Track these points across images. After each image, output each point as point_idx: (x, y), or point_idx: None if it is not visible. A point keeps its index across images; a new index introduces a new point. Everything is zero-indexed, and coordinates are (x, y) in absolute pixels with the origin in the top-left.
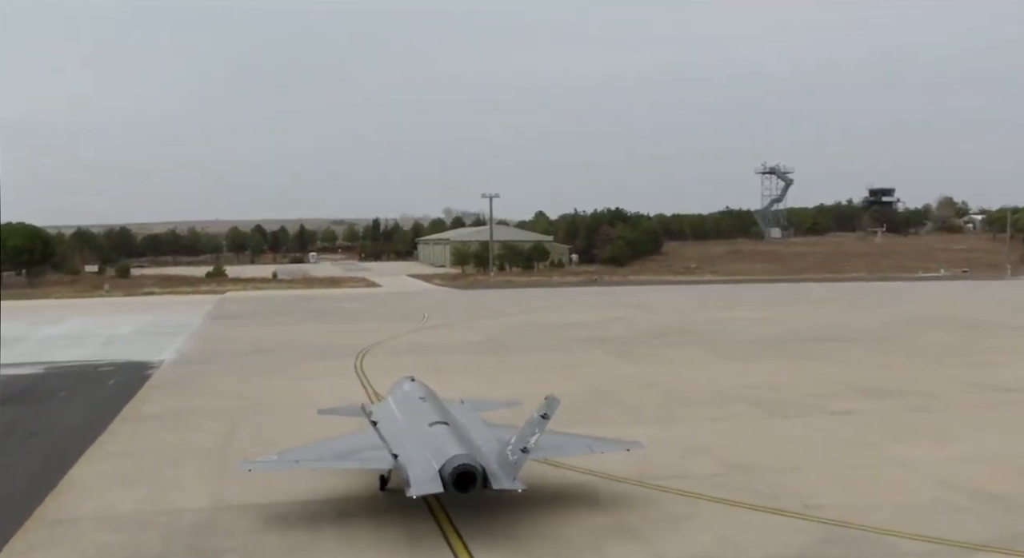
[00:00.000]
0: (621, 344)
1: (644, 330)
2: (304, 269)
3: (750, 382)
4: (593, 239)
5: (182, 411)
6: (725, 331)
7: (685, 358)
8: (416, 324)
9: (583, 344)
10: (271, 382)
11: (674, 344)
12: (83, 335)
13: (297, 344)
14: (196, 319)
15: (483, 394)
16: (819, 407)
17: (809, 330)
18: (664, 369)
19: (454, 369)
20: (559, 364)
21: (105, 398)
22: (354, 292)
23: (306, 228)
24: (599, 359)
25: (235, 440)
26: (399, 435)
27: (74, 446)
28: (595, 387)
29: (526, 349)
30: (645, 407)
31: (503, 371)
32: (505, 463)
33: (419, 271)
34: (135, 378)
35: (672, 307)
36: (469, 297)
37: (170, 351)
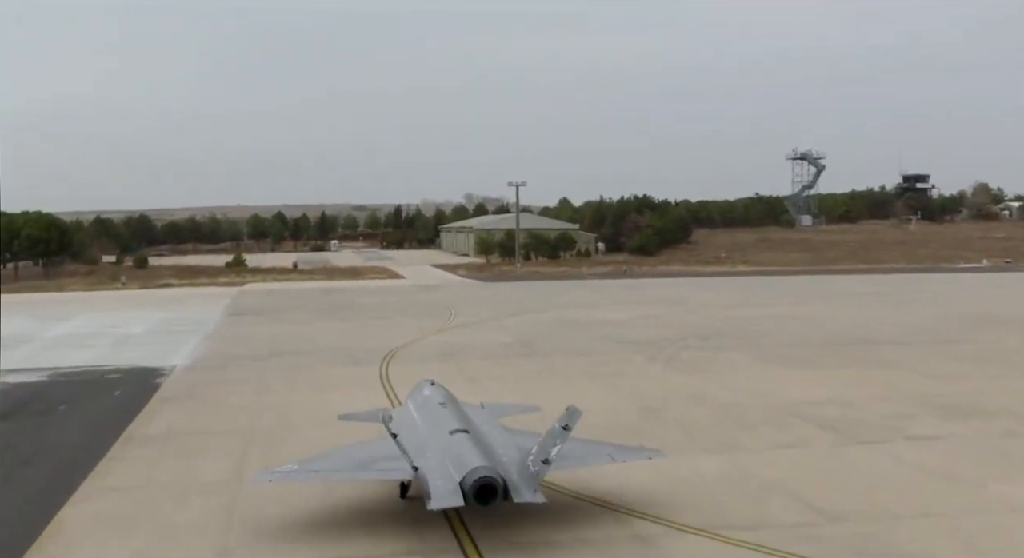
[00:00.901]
0: (660, 347)
1: (683, 330)
2: (325, 258)
3: (811, 396)
4: (620, 227)
5: (191, 432)
6: (770, 332)
7: (732, 364)
8: (442, 322)
9: (621, 347)
10: (290, 396)
11: (717, 347)
12: (93, 334)
13: (318, 346)
14: (213, 315)
15: None
16: (898, 430)
17: (859, 330)
18: (712, 378)
19: (486, 377)
20: (598, 371)
21: (109, 412)
22: (376, 285)
23: (327, 214)
24: (640, 365)
25: (247, 470)
26: (420, 444)
27: (68, 478)
28: (641, 401)
29: (561, 353)
30: (700, 428)
31: (539, 380)
32: (526, 474)
33: (442, 260)
34: (143, 387)
35: (709, 303)
36: (496, 290)
37: (183, 354)
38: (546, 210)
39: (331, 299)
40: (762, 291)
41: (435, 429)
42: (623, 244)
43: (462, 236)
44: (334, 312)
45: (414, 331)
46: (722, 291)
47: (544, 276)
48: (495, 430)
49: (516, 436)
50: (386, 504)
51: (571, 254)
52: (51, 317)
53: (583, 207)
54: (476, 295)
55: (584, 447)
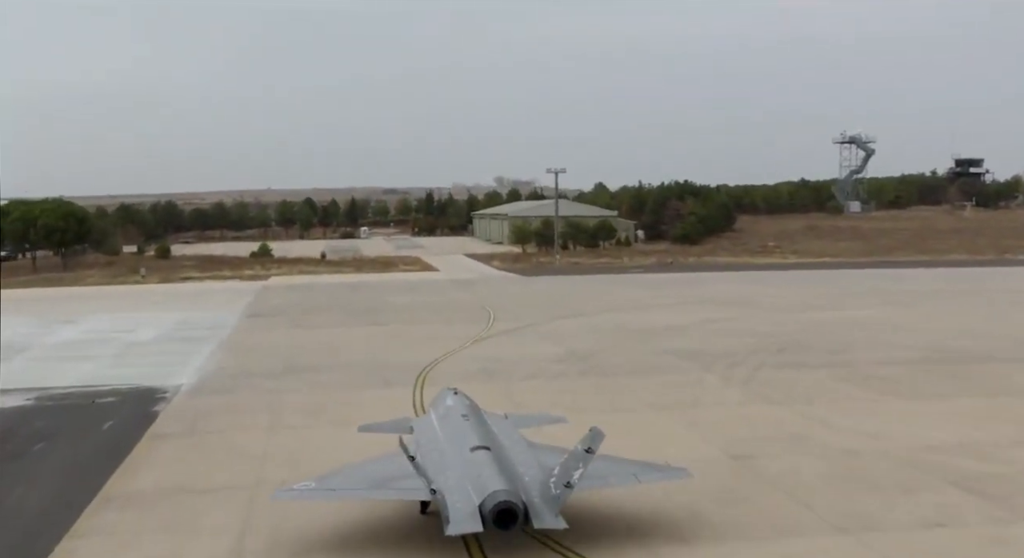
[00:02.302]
0: (733, 364)
1: (752, 340)
2: (355, 245)
3: (935, 438)
4: (661, 214)
5: (183, 488)
6: (854, 343)
7: (823, 390)
8: (482, 327)
9: (687, 363)
10: (306, 435)
11: (799, 365)
12: (98, 341)
13: (343, 359)
14: (231, 317)
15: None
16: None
17: (963, 341)
18: (804, 410)
19: (538, 405)
20: (668, 399)
21: (91, 456)
22: (408, 279)
23: (357, 198)
24: (714, 390)
25: (247, 552)
26: (439, 461)
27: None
28: (727, 444)
29: (620, 371)
30: (811, 489)
31: (602, 412)
32: (548, 497)
33: (476, 249)
34: (138, 418)
35: (771, 304)
36: (536, 286)
37: (191, 370)
38: (581, 196)
39: (359, 297)
40: (825, 288)
41: (456, 445)
42: (664, 232)
43: (496, 223)
44: (362, 314)
45: (451, 339)
46: (781, 287)
47: (584, 268)
48: (518, 446)
49: (539, 452)
50: (405, 521)
51: (611, 243)
52: (57, 318)
53: (620, 193)
54: (515, 292)
55: (607, 465)
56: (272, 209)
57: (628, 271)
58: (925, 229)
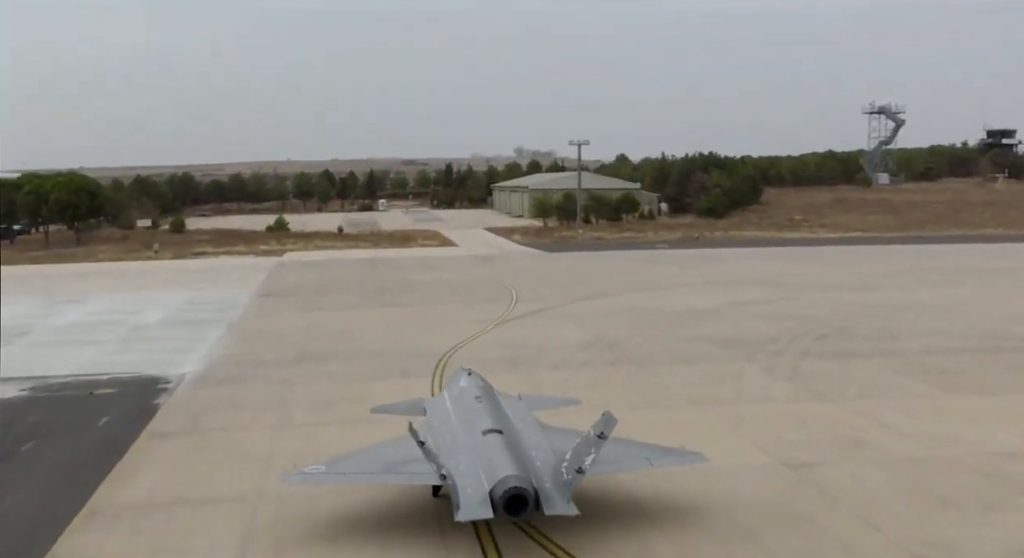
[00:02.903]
0: (775, 353)
1: (792, 325)
2: (373, 218)
3: (1006, 443)
4: (685, 187)
5: (179, 499)
6: (901, 329)
7: (875, 383)
8: (504, 308)
9: (724, 351)
10: (318, 432)
11: (845, 354)
12: (103, 324)
13: (358, 345)
14: (242, 297)
15: None
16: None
17: (1012, 328)
18: (858, 407)
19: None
20: (708, 393)
21: (83, 458)
22: (427, 255)
23: (376, 169)
24: (758, 383)
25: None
26: (451, 444)
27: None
28: (779, 449)
29: (653, 360)
30: (879, 507)
31: (635, 409)
32: (560, 483)
33: (496, 222)
34: (137, 413)
35: (805, 283)
36: (559, 263)
37: (198, 356)
38: (603, 168)
39: (376, 275)
40: (859, 266)
41: (468, 427)
42: (688, 205)
43: (516, 196)
44: (379, 294)
45: (472, 322)
46: (813, 265)
47: (608, 244)
48: (531, 429)
49: (552, 435)
50: (417, 503)
51: (634, 217)
52: (64, 297)
53: (643, 164)
54: (538, 269)
55: (620, 449)
56: (290, 181)
57: (653, 246)
58: (957, 202)
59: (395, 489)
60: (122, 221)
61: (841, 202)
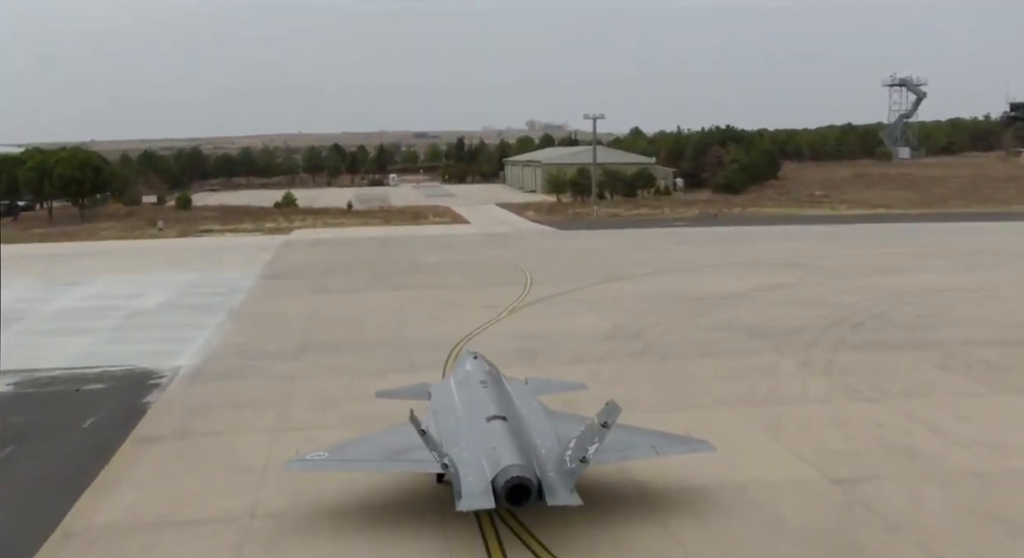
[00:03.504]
0: (806, 343)
1: (824, 312)
2: (384, 193)
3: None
4: (701, 162)
5: (162, 521)
6: (939, 316)
7: (922, 381)
8: (518, 292)
9: (754, 341)
10: (321, 433)
11: (883, 346)
12: (99, 309)
13: (365, 334)
14: (246, 279)
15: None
16: None
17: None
18: (908, 410)
19: (589, 400)
20: (739, 390)
21: (64, 466)
22: (438, 233)
23: (387, 141)
24: (792, 378)
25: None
26: (455, 430)
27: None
28: (824, 462)
29: (678, 352)
30: (943, 536)
31: (666, 410)
32: (563, 472)
33: (508, 198)
34: (125, 413)
35: (832, 265)
36: (574, 242)
37: (195, 347)
38: (616, 142)
39: (386, 255)
40: (887, 245)
41: (472, 413)
42: (705, 180)
43: (529, 170)
44: (387, 276)
45: (484, 308)
46: (838, 244)
47: (624, 221)
48: (536, 415)
49: (558, 421)
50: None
51: (649, 193)
52: (62, 278)
53: (658, 138)
54: (552, 249)
55: (624, 436)
56: (300, 155)
57: (670, 224)
58: (979, 177)
59: (397, 482)
60: (128, 197)
61: (861, 177)
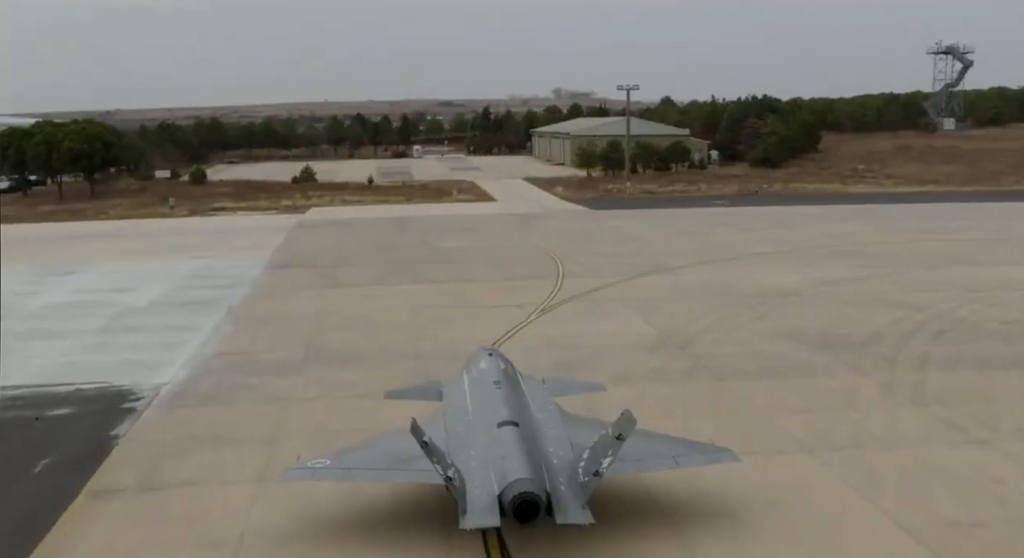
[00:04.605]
0: (886, 360)
1: (897, 317)
2: (407, 166)
3: None
4: (738, 133)
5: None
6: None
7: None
8: (548, 286)
9: (823, 355)
10: (313, 489)
11: (976, 362)
12: (87, 305)
13: (378, 340)
14: (253, 268)
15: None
16: None
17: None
18: None
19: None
20: (820, 428)
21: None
22: (461, 213)
23: (413, 109)
24: (880, 411)
25: None
26: (464, 436)
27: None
28: (949, 544)
29: (737, 371)
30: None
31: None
32: (575, 487)
33: (536, 171)
34: (88, 451)
35: (895, 253)
36: (607, 224)
37: (184, 356)
38: (647, 112)
39: (405, 240)
40: (951, 230)
41: (483, 417)
42: (741, 154)
43: (557, 142)
44: (405, 266)
45: (511, 307)
46: (895, 227)
47: (659, 199)
48: (550, 420)
49: (574, 427)
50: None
51: (683, 167)
52: (56, 267)
53: (690, 108)
54: (585, 233)
55: (642, 444)
56: (322, 126)
57: (709, 203)
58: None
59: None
60: (142, 171)
61: (905, 150)
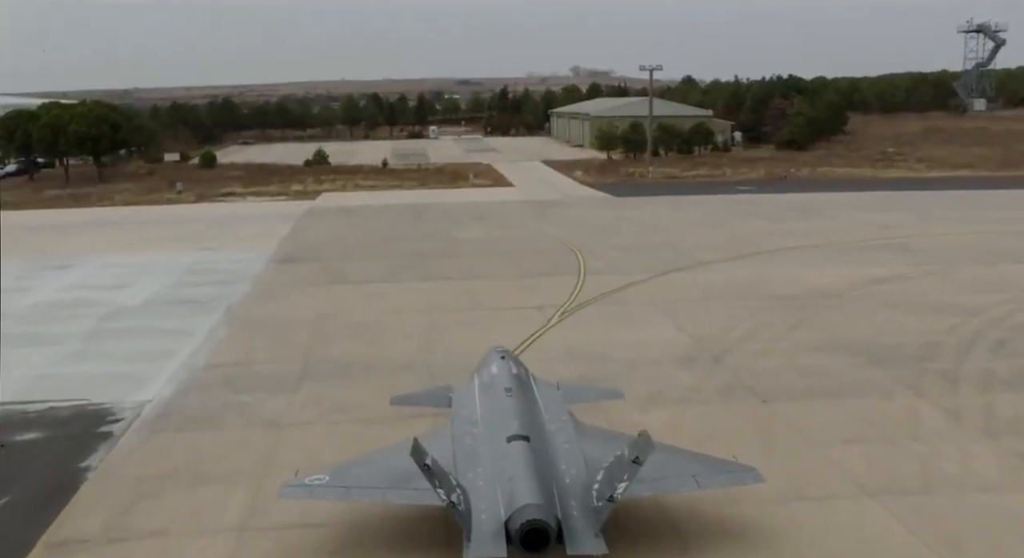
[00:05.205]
0: (947, 377)
1: (952, 325)
2: (423, 147)
3: None
4: (762, 115)
5: None
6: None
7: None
8: (569, 284)
9: (876, 371)
10: (307, 534)
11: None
12: (77, 305)
13: (383, 347)
14: (257, 262)
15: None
16: None
17: None
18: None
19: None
20: (880, 464)
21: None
22: (477, 200)
23: (430, 88)
24: (948, 441)
25: None
26: (471, 451)
27: None
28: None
29: (781, 389)
30: None
31: (782, 500)
32: (587, 511)
33: (554, 153)
34: (53, 488)
35: (941, 246)
36: (630, 213)
37: (173, 367)
38: (667, 92)
39: (417, 230)
40: (993, 219)
41: (493, 430)
42: (765, 135)
43: (576, 123)
44: (417, 260)
45: (529, 309)
46: (936, 217)
47: (682, 184)
48: (564, 431)
49: (588, 440)
50: None
51: (707, 149)
52: (50, 260)
53: (712, 88)
54: (608, 223)
55: (660, 460)
56: (338, 105)
57: (735, 189)
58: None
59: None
60: (152, 154)
61: (934, 132)
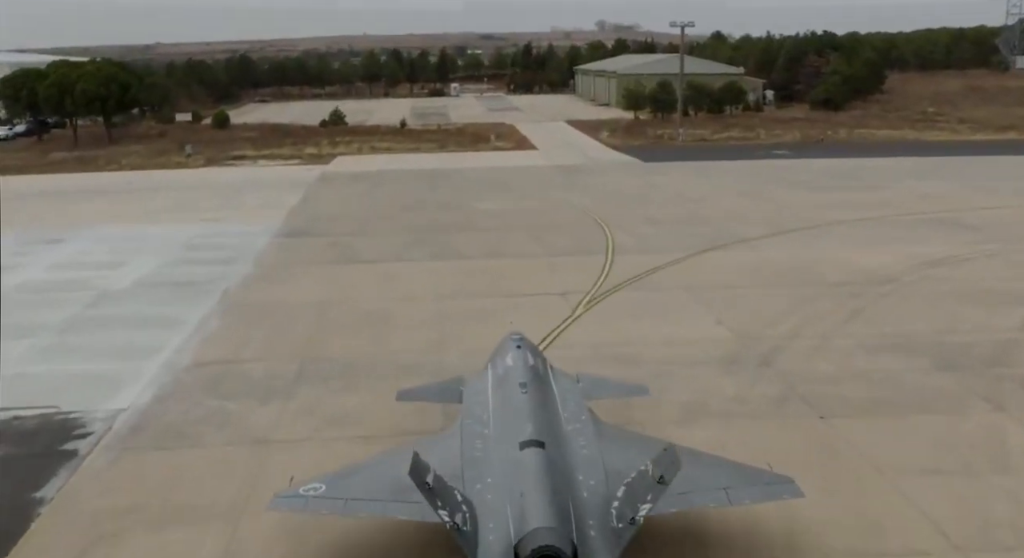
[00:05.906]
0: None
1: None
2: (444, 106)
3: None
4: (796, 73)
5: None
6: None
7: None
8: (597, 264)
9: (944, 377)
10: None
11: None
12: (63, 287)
13: (390, 342)
14: (261, 236)
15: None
16: None
17: None
18: None
19: (725, 510)
20: (965, 501)
21: None
22: (498, 165)
23: (452, 43)
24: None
25: None
26: (481, 456)
27: None
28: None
29: (841, 401)
30: None
31: (855, 554)
32: (606, 532)
33: (579, 113)
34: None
35: (1000, 221)
36: (660, 180)
37: (155, 365)
38: (696, 48)
39: (434, 199)
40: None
41: (505, 433)
42: (798, 94)
43: (602, 81)
44: (432, 235)
45: (552, 297)
46: (989, 187)
47: (713, 147)
48: (583, 433)
49: (609, 445)
50: None
51: (738, 109)
52: (44, 232)
53: (743, 44)
54: (636, 191)
55: (688, 470)
56: (359, 61)
57: (770, 153)
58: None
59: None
60: (165, 113)
61: (976, 91)
